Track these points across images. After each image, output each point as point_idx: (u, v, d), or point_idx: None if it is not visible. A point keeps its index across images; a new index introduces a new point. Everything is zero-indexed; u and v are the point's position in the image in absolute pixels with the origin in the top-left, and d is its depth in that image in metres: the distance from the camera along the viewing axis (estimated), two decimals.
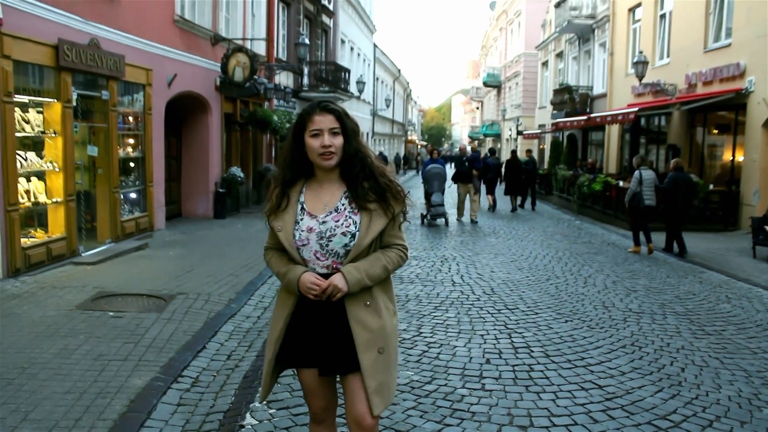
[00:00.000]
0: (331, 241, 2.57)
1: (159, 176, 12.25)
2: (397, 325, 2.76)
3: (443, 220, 15.31)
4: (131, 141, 11.37)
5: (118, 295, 7.21)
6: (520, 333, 6.09)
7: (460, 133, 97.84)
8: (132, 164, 11.46)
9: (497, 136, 50.72)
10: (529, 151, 25.13)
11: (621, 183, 17.06)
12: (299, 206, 2.64)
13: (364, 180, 2.61)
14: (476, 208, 16.37)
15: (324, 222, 2.58)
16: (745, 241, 12.82)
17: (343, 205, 2.61)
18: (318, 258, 2.59)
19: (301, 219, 2.61)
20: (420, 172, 16.81)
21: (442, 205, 14.96)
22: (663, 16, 19.92)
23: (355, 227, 2.57)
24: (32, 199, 8.56)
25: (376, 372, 2.58)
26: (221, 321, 6.39)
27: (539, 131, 33.83)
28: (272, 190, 2.70)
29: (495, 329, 6.21)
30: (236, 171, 15.64)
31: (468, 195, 16.18)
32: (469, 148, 18.60)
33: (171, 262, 9.34)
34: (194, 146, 14.79)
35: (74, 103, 9.10)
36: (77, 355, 5.14)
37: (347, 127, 2.60)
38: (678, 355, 5.51)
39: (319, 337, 2.62)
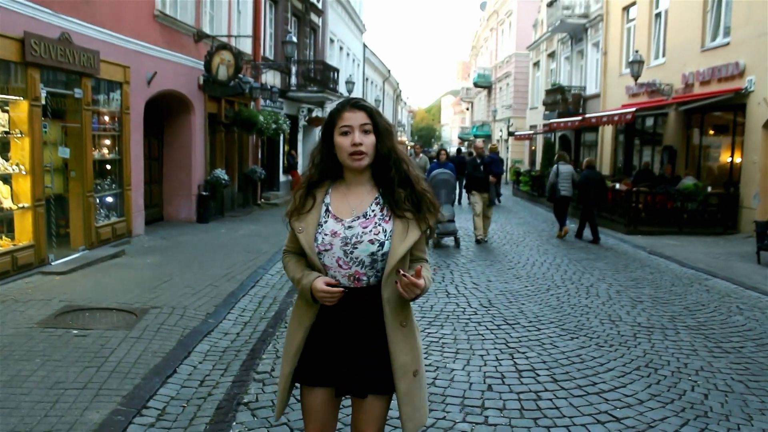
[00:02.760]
0: (356, 248, 2.39)
1: (137, 179, 11.66)
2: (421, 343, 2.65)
3: (452, 239, 12.22)
4: (107, 142, 10.77)
5: (85, 310, 6.63)
6: (523, 353, 5.57)
7: (450, 134, 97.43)
8: (108, 166, 10.85)
9: (488, 137, 50.27)
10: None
11: (617, 185, 16.68)
12: (324, 207, 2.47)
13: (400, 186, 2.45)
14: (488, 224, 12.99)
15: (350, 227, 2.41)
16: (746, 245, 12.41)
17: (373, 211, 2.44)
18: (341, 266, 2.41)
19: (325, 222, 2.44)
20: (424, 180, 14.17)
21: (453, 220, 11.88)
22: (658, 15, 19.51)
23: (384, 236, 2.40)
24: None
25: (411, 397, 2.45)
26: (196, 339, 5.84)
27: (531, 132, 33.41)
28: (296, 190, 2.54)
29: (495, 348, 5.70)
30: (220, 173, 15.06)
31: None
32: (487, 149, 14.57)
33: (147, 271, 8.77)
34: (176, 147, 14.19)
35: (43, 102, 8.49)
36: (30, 383, 4.57)
37: (379, 126, 2.44)
38: (698, 378, 5.02)
39: (339, 355, 2.45)
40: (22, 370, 4.81)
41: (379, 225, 2.42)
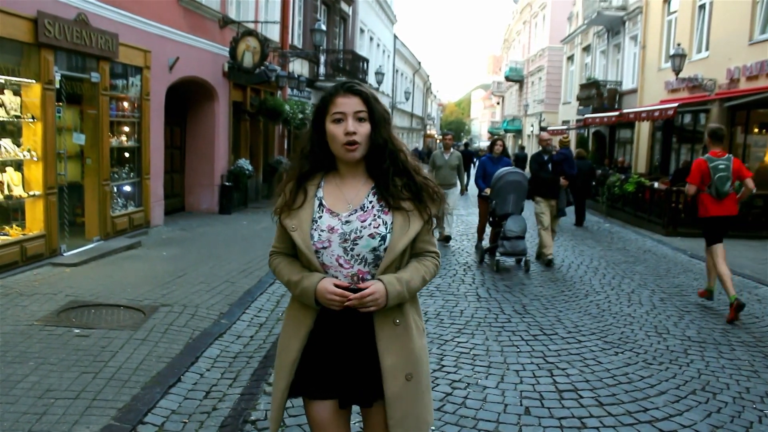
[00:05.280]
0: (357, 244, 2.18)
1: (157, 168, 11.28)
2: (426, 346, 2.40)
3: (516, 259, 9.57)
4: (126, 129, 10.39)
5: (91, 306, 6.23)
6: (563, 369, 5.03)
7: (480, 128, 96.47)
8: (127, 154, 10.48)
9: (518, 132, 49.50)
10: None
11: (656, 184, 15.96)
12: (317, 202, 2.25)
13: (396, 176, 2.23)
14: (550, 241, 9.86)
15: (348, 221, 2.20)
16: None
17: (370, 203, 2.24)
18: (341, 264, 2.20)
19: (320, 217, 2.22)
20: (475, 179, 10.92)
21: (523, 237, 9.04)
22: (702, 7, 18.63)
23: (386, 229, 2.19)
24: (6, 191, 7.62)
25: (401, 401, 2.23)
26: (205, 343, 5.40)
27: (564, 127, 32.56)
28: (284, 183, 2.31)
29: (532, 363, 5.16)
30: (244, 163, 14.66)
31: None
32: (554, 142, 11.22)
33: (162, 264, 8.37)
34: (199, 136, 13.82)
35: (57, 85, 8.13)
36: (18, 390, 4.15)
37: (376, 113, 2.20)
38: (764, 406, 4.42)
39: (341, 362, 2.23)
40: (12, 374, 4.40)
41: (379, 217, 2.22)
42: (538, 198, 9.90)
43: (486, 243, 10.41)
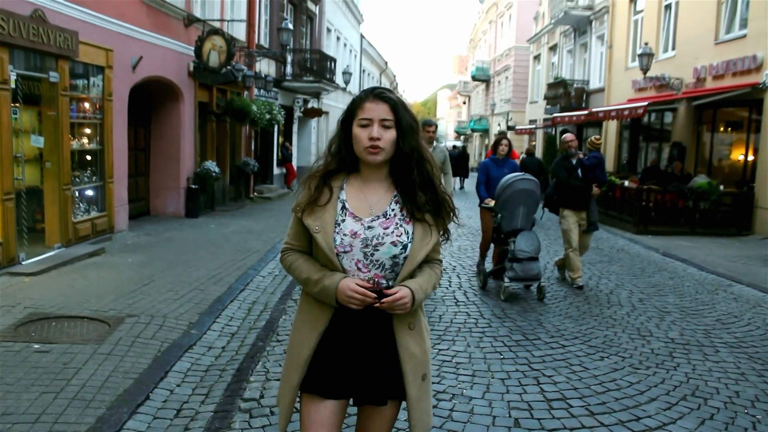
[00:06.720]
0: (377, 250, 2.24)
1: (121, 171, 10.89)
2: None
3: (525, 285, 7.97)
4: (87, 131, 9.98)
5: (52, 319, 5.90)
6: (550, 376, 4.86)
7: (446, 128, 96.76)
8: (89, 157, 10.07)
9: (485, 131, 49.66)
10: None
11: (626, 183, 16.01)
12: (340, 205, 2.28)
13: (421, 189, 2.29)
14: (579, 263, 8.27)
15: (370, 227, 2.25)
16: (764, 248, 11.82)
17: (393, 210, 2.29)
18: (360, 269, 2.26)
19: (343, 221, 2.26)
20: (477, 186, 8.41)
21: (537, 258, 7.50)
22: (668, 7, 18.79)
23: (407, 237, 2.26)
24: None
25: (420, 402, 2.32)
26: (175, 355, 5.12)
27: (532, 126, 32.71)
28: (309, 178, 2.33)
29: (517, 370, 4.99)
30: (211, 165, 14.31)
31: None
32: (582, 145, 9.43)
33: (127, 272, 8.03)
34: (164, 138, 13.43)
35: (13, 85, 7.73)
36: None
37: (403, 121, 2.25)
38: (756, 411, 4.31)
39: (358, 362, 2.27)
40: None
41: (401, 226, 2.26)
42: (565, 211, 8.34)
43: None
